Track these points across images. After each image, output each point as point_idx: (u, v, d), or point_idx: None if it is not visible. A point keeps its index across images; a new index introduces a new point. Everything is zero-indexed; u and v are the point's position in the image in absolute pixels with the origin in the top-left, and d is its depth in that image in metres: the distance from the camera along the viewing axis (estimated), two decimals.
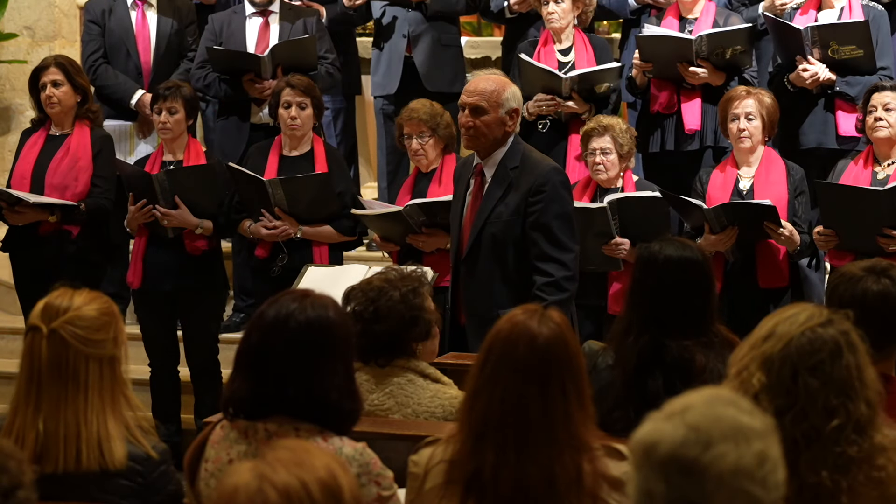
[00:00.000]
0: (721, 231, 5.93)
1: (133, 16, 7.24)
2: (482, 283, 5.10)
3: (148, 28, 7.24)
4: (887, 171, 5.95)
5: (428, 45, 7.41)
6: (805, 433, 2.61)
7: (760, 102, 6.09)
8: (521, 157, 5.09)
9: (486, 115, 5.02)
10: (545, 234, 5.03)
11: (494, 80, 5.10)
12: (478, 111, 5.03)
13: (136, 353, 6.03)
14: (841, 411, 2.65)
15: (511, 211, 5.05)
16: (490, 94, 5.03)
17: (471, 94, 5.06)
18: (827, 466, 2.64)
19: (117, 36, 7.22)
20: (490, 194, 5.09)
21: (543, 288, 4.98)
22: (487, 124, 5.03)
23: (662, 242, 3.87)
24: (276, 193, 6.26)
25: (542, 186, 5.03)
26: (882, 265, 3.62)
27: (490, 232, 5.08)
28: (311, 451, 2.16)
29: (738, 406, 2.15)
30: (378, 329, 3.92)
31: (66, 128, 6.55)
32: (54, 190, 6.43)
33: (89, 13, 7.29)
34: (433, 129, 6.27)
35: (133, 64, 7.20)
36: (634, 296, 3.84)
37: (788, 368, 2.66)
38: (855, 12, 6.61)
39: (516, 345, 2.83)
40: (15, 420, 3.14)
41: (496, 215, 5.07)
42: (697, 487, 2.07)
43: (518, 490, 2.78)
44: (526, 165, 5.08)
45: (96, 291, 3.26)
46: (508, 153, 5.09)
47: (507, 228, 5.06)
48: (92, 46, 7.22)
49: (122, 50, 7.21)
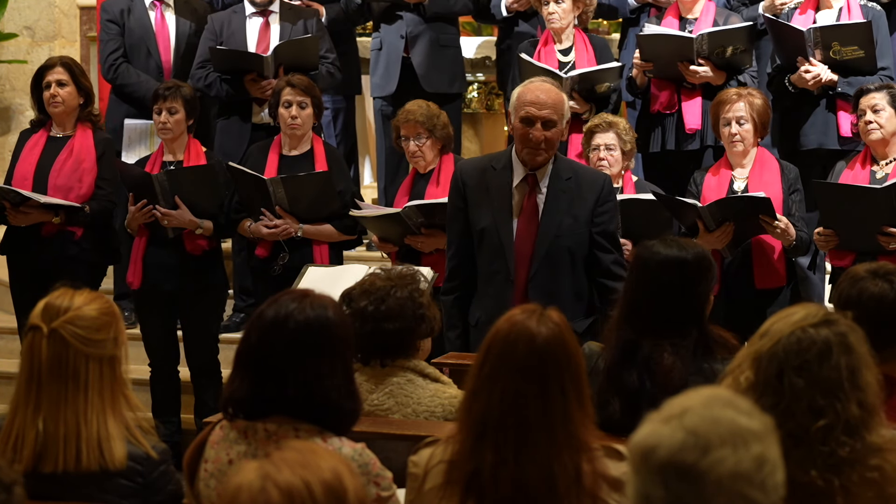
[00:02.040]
0: (716, 228, 5.93)
1: (152, 16, 7.25)
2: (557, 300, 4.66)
3: (167, 28, 7.25)
4: (885, 170, 5.96)
5: (426, 46, 7.41)
6: (792, 432, 2.60)
7: (751, 105, 6.08)
8: (572, 167, 5.08)
9: (555, 127, 4.94)
10: (613, 241, 5.05)
11: (556, 91, 4.99)
12: (549, 124, 4.92)
13: (136, 353, 6.03)
14: (829, 412, 2.64)
15: (582, 222, 5.00)
16: (558, 105, 4.94)
17: (541, 107, 4.91)
18: (816, 466, 2.64)
19: (137, 35, 7.23)
20: (553, 206, 5.00)
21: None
22: (557, 136, 4.97)
23: (658, 241, 3.86)
24: (276, 192, 6.26)
25: (608, 195, 5.05)
26: (887, 268, 3.62)
27: (565, 245, 4.99)
28: (317, 453, 2.16)
29: (737, 407, 2.14)
30: (390, 327, 3.92)
31: (67, 129, 6.54)
32: (58, 191, 6.42)
33: (107, 13, 7.28)
34: (430, 131, 6.26)
35: (154, 63, 7.20)
36: (623, 293, 3.86)
37: (775, 367, 2.67)
38: (853, 12, 6.61)
39: (515, 344, 2.83)
40: (15, 419, 3.15)
41: (568, 227, 4.99)
42: (696, 492, 2.07)
43: (517, 490, 2.78)
44: (579, 175, 5.06)
45: (97, 291, 3.26)
46: (559, 164, 5.04)
47: (581, 240, 5.01)
48: (111, 46, 7.22)
49: (142, 49, 7.22)
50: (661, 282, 3.75)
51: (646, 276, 3.78)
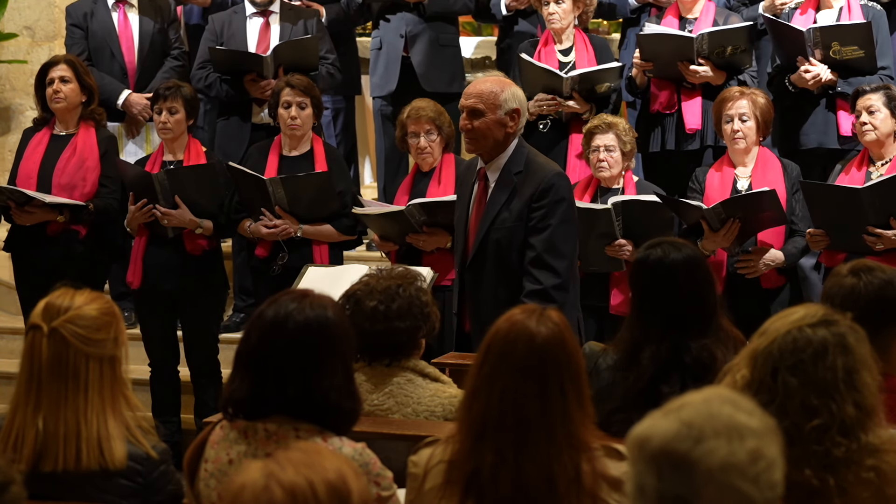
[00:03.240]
0: (721, 227, 5.93)
1: (115, 17, 7.24)
2: (487, 290, 5.02)
3: (130, 28, 7.24)
4: (881, 171, 5.96)
5: (425, 46, 7.41)
6: (786, 431, 2.60)
7: (754, 103, 6.09)
8: (526, 162, 5.02)
9: (483, 116, 4.95)
10: (543, 239, 4.95)
11: (492, 82, 5.04)
12: (475, 114, 4.96)
13: (136, 353, 6.03)
14: (823, 412, 2.65)
15: (515, 217, 4.98)
16: (487, 95, 4.95)
17: (468, 97, 5.00)
18: (811, 465, 2.64)
19: (100, 38, 7.22)
20: (494, 199, 5.02)
21: (530, 295, 4.87)
22: (486, 126, 4.95)
23: (660, 247, 3.85)
24: (276, 192, 6.26)
25: (546, 191, 4.96)
26: (864, 265, 3.62)
27: (494, 238, 5.00)
28: (322, 454, 2.16)
29: (737, 405, 2.15)
30: (401, 326, 3.92)
31: (70, 127, 6.56)
32: (62, 190, 6.44)
33: (71, 17, 7.30)
34: (439, 128, 6.27)
35: (118, 65, 7.20)
36: (646, 303, 3.79)
37: (769, 366, 2.68)
38: (854, 12, 6.61)
39: (515, 344, 2.83)
40: (15, 418, 3.15)
41: (500, 221, 4.99)
42: (687, 482, 2.07)
43: (517, 490, 2.78)
44: (530, 170, 5.00)
45: (98, 291, 3.26)
46: (512, 157, 5.01)
47: (511, 234, 4.99)
48: (75, 50, 7.21)
49: (105, 51, 7.21)
50: (697, 281, 3.76)
51: (677, 281, 3.76)
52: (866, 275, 3.55)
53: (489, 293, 5.01)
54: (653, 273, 3.80)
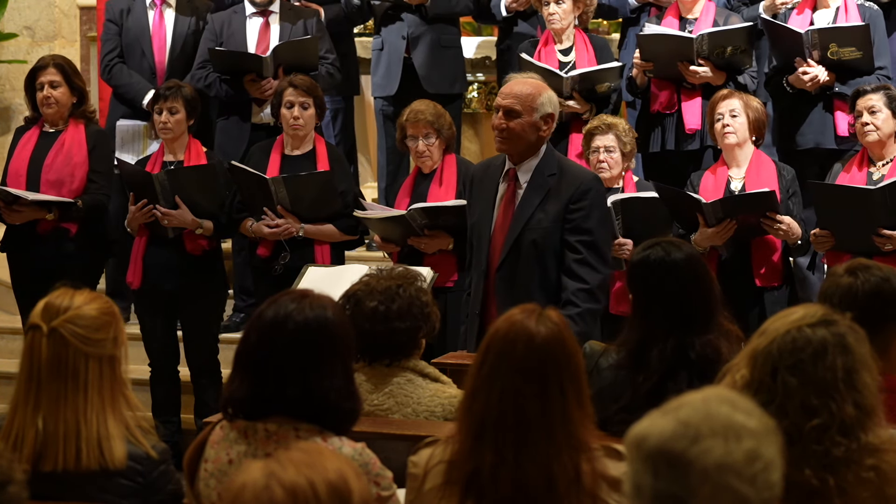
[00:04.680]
0: (717, 224, 5.92)
1: (151, 15, 7.25)
2: (520, 291, 4.92)
3: (164, 28, 7.24)
4: (882, 171, 5.96)
5: (427, 47, 7.42)
6: (785, 431, 2.60)
7: (746, 103, 6.09)
8: (558, 165, 5.04)
9: (519, 118, 4.94)
10: (586, 240, 4.96)
11: (530, 84, 5.03)
12: (511, 114, 4.94)
13: (136, 353, 6.04)
14: (823, 412, 2.65)
15: (552, 218, 4.96)
16: (525, 97, 4.94)
17: (505, 97, 4.98)
18: (810, 465, 2.64)
19: (133, 35, 7.23)
20: (527, 201, 4.99)
21: (578, 293, 4.90)
22: (521, 128, 4.94)
23: (660, 246, 3.86)
24: (278, 192, 6.26)
25: (585, 193, 4.97)
26: (862, 264, 3.62)
27: (530, 238, 4.98)
28: (323, 454, 2.16)
29: (735, 405, 2.15)
30: (402, 326, 3.92)
31: (59, 125, 6.55)
32: (50, 186, 6.43)
33: (109, 12, 7.30)
34: (438, 131, 6.26)
35: (147, 63, 7.20)
36: (650, 303, 3.80)
37: (769, 366, 2.68)
38: (851, 12, 6.61)
39: (514, 344, 2.83)
40: (14, 418, 3.15)
41: (536, 222, 4.97)
42: (683, 481, 2.08)
43: (517, 490, 2.78)
44: (564, 172, 5.02)
45: (97, 291, 3.26)
46: (545, 160, 5.02)
47: (547, 236, 4.97)
48: (109, 45, 7.24)
49: (137, 49, 7.22)
50: (699, 278, 3.78)
51: (681, 279, 3.77)
52: (863, 273, 3.55)
53: (522, 294, 4.84)
54: (655, 273, 3.81)
